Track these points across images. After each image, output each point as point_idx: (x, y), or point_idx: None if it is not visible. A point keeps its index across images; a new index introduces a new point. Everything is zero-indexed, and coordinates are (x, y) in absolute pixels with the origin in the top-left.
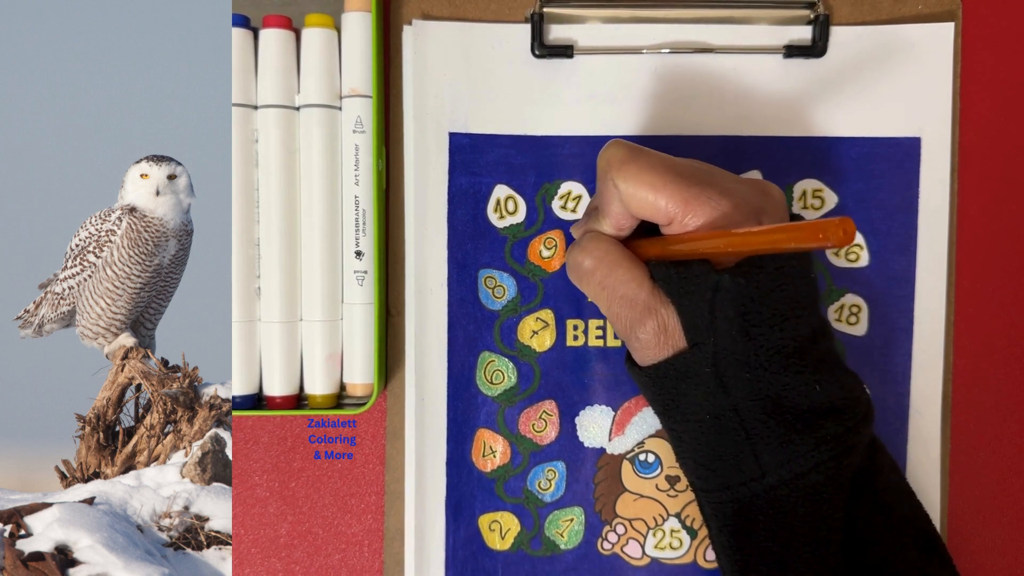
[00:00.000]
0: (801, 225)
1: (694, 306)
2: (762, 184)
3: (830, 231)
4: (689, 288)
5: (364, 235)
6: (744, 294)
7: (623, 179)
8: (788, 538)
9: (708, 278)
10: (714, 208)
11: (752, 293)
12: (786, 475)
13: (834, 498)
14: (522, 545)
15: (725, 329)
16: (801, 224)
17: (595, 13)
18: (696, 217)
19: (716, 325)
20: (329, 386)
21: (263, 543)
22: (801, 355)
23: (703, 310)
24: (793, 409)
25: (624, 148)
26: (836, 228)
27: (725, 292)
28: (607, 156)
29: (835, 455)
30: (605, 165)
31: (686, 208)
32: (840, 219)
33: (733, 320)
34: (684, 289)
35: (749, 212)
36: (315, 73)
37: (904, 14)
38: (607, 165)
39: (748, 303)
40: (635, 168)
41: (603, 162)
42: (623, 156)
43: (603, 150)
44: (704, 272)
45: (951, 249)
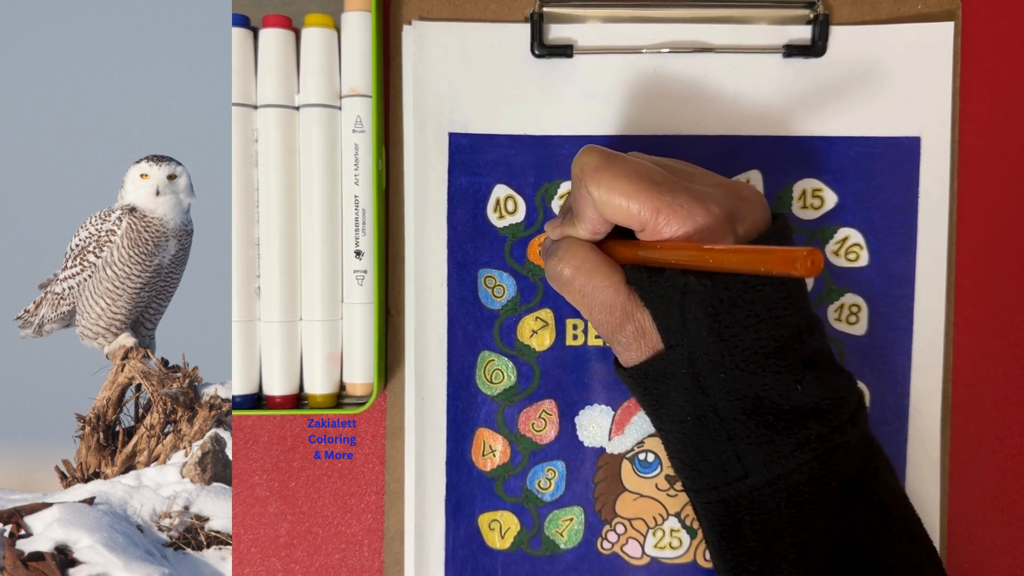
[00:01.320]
0: (772, 250)
1: (666, 309)
2: (740, 187)
3: (798, 261)
4: (660, 292)
5: (364, 235)
6: (713, 296)
7: (596, 186)
8: (774, 539)
9: (677, 281)
10: (686, 216)
11: (721, 295)
12: (769, 475)
13: (819, 499)
14: (522, 544)
15: (696, 331)
16: (772, 249)
17: (595, 13)
18: (669, 224)
19: (687, 327)
20: (329, 386)
21: (263, 543)
22: (781, 355)
23: (675, 313)
24: (774, 410)
25: (597, 154)
26: (805, 259)
27: (693, 294)
28: (581, 162)
29: (818, 456)
30: (579, 171)
31: (658, 215)
32: (809, 250)
33: (703, 322)
34: (656, 293)
35: (723, 218)
36: (315, 73)
37: (904, 14)
38: (581, 172)
39: (717, 304)
40: (608, 175)
41: (577, 168)
42: (596, 163)
43: (577, 156)
44: (674, 275)
45: (951, 249)
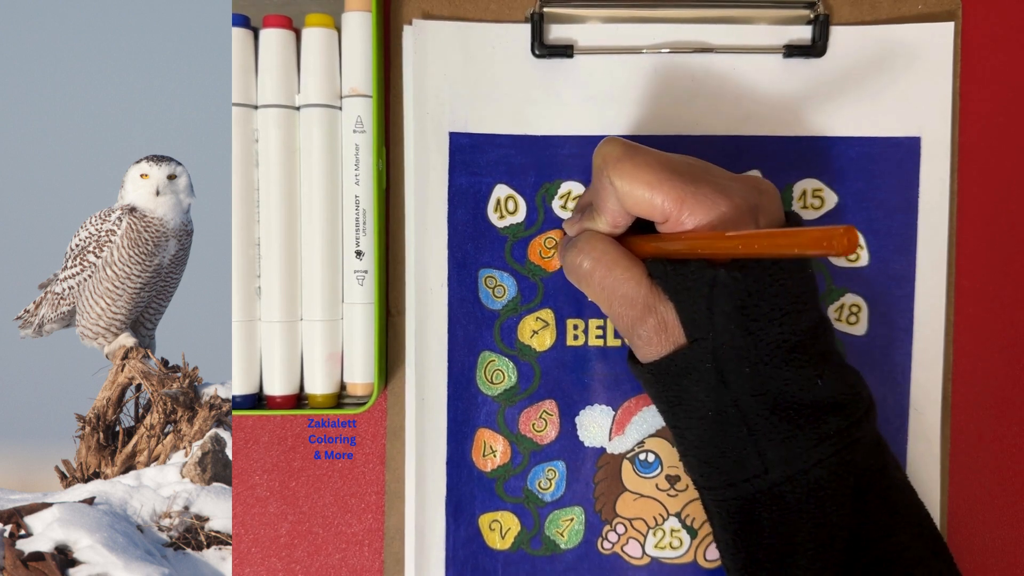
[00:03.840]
0: (804, 231)
1: (692, 302)
2: (757, 181)
3: (834, 239)
4: (686, 284)
5: (364, 235)
6: (741, 289)
7: (619, 176)
8: (792, 535)
9: (705, 273)
10: (711, 206)
11: (750, 288)
12: (789, 471)
13: (838, 494)
14: (522, 545)
15: (723, 324)
16: (805, 230)
17: (595, 13)
18: (692, 215)
19: (714, 321)
20: (329, 386)
21: (263, 543)
22: (802, 350)
23: (701, 306)
24: (795, 404)
25: (620, 145)
26: (841, 237)
27: (722, 287)
28: (603, 153)
29: (838, 450)
30: (601, 162)
31: (682, 206)
32: (845, 228)
33: (731, 315)
34: (681, 285)
35: (746, 210)
36: (315, 73)
37: (904, 14)
38: (603, 162)
39: (746, 298)
40: (631, 165)
41: (599, 159)
42: (619, 153)
43: (599, 147)
44: (700, 268)
45: (951, 249)
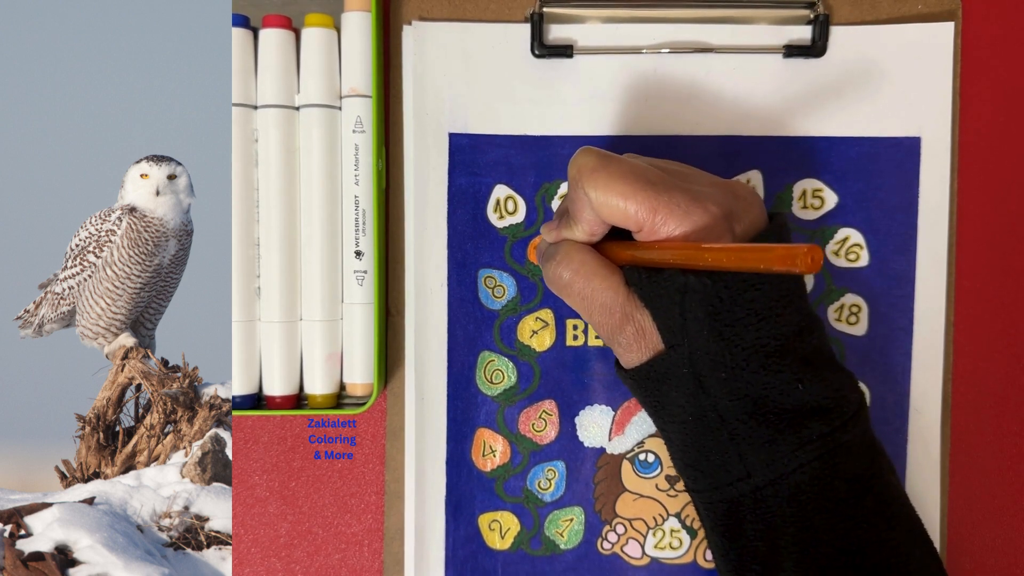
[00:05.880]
0: (771, 248)
1: (666, 309)
2: (736, 187)
3: (798, 258)
4: (660, 292)
5: (364, 235)
6: (713, 295)
7: (593, 187)
8: (776, 538)
9: (676, 280)
10: (683, 215)
11: (721, 294)
12: (771, 475)
13: (821, 498)
14: (522, 545)
15: (696, 330)
16: (771, 247)
17: (595, 13)
18: (666, 224)
19: (687, 327)
20: (329, 386)
21: (263, 543)
22: (782, 354)
23: (674, 312)
24: (776, 409)
25: (594, 156)
26: (805, 255)
27: (693, 294)
28: (578, 164)
29: (820, 455)
30: (576, 173)
31: (655, 215)
32: (809, 246)
33: (703, 321)
34: (656, 293)
35: (720, 217)
36: (315, 73)
37: (904, 14)
38: (578, 173)
39: (717, 303)
40: (605, 176)
41: (574, 170)
42: (593, 164)
43: (573, 158)
44: (673, 275)
45: (951, 249)
